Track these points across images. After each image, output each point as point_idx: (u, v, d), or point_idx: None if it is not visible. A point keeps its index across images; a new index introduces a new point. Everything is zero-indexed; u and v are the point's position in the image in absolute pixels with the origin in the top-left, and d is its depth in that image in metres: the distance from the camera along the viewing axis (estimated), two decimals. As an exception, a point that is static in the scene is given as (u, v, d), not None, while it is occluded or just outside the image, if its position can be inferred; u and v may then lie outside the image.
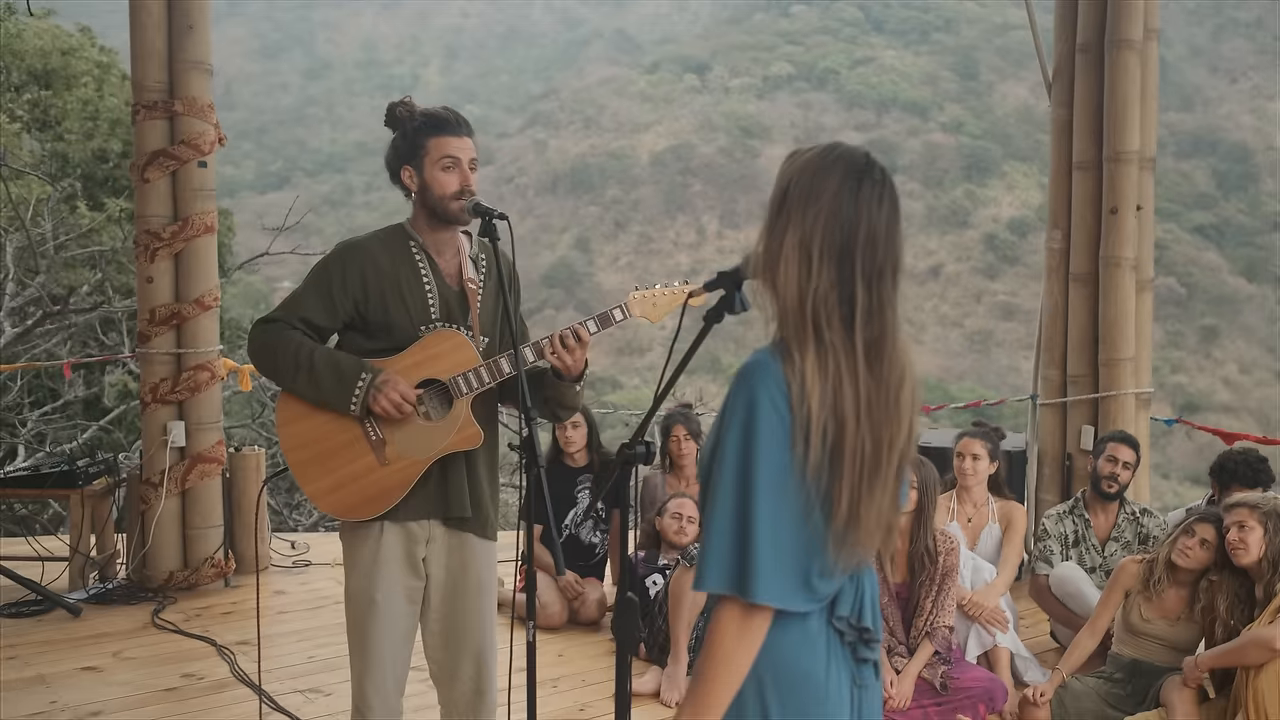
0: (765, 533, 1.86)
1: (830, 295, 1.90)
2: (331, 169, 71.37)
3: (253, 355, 3.10)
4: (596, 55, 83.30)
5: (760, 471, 1.87)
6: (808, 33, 76.59)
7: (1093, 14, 6.17)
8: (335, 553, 6.90)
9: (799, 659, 1.96)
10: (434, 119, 3.13)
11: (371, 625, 3.13)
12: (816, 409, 1.86)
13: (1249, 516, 4.14)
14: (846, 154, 1.99)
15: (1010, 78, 70.94)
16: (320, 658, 5.11)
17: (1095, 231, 6.16)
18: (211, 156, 5.91)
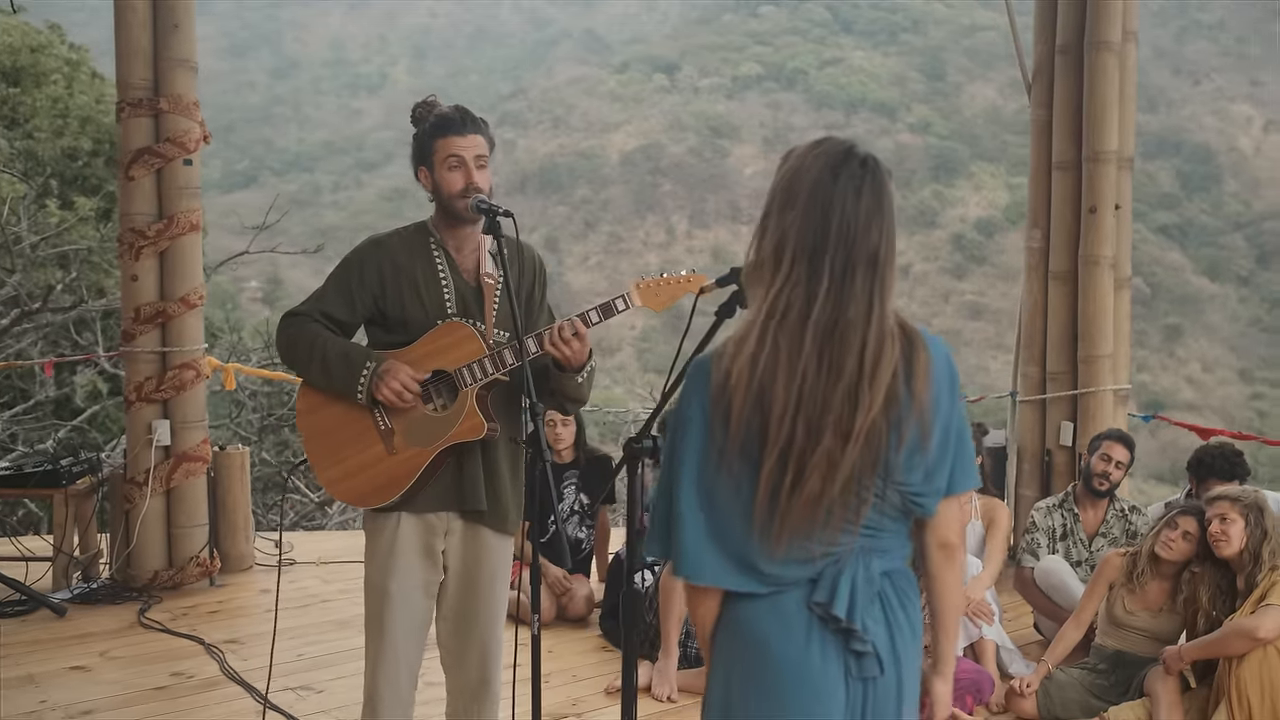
0: (686, 512, 2.01)
1: (794, 292, 1.95)
2: (299, 168, 71.06)
3: (278, 347, 3.21)
4: (565, 55, 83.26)
5: (683, 460, 2.03)
6: (776, 33, 76.84)
7: (1072, 16, 6.26)
8: (318, 551, 6.92)
9: (770, 635, 2.03)
10: (442, 120, 3.18)
11: (385, 616, 3.17)
12: (739, 400, 1.94)
13: (1230, 509, 4.21)
14: (828, 149, 2.03)
15: (978, 79, 71.51)
16: (309, 655, 5.12)
17: (1074, 230, 6.25)
18: (197, 154, 5.90)
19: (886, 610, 2.06)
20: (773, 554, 1.98)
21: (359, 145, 76.47)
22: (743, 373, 1.93)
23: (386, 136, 76.70)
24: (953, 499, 2.12)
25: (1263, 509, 4.23)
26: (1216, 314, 57.13)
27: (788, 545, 1.97)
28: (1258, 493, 4.35)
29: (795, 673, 2.01)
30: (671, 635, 4.81)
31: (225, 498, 6.28)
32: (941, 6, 76.92)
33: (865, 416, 1.93)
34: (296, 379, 3.31)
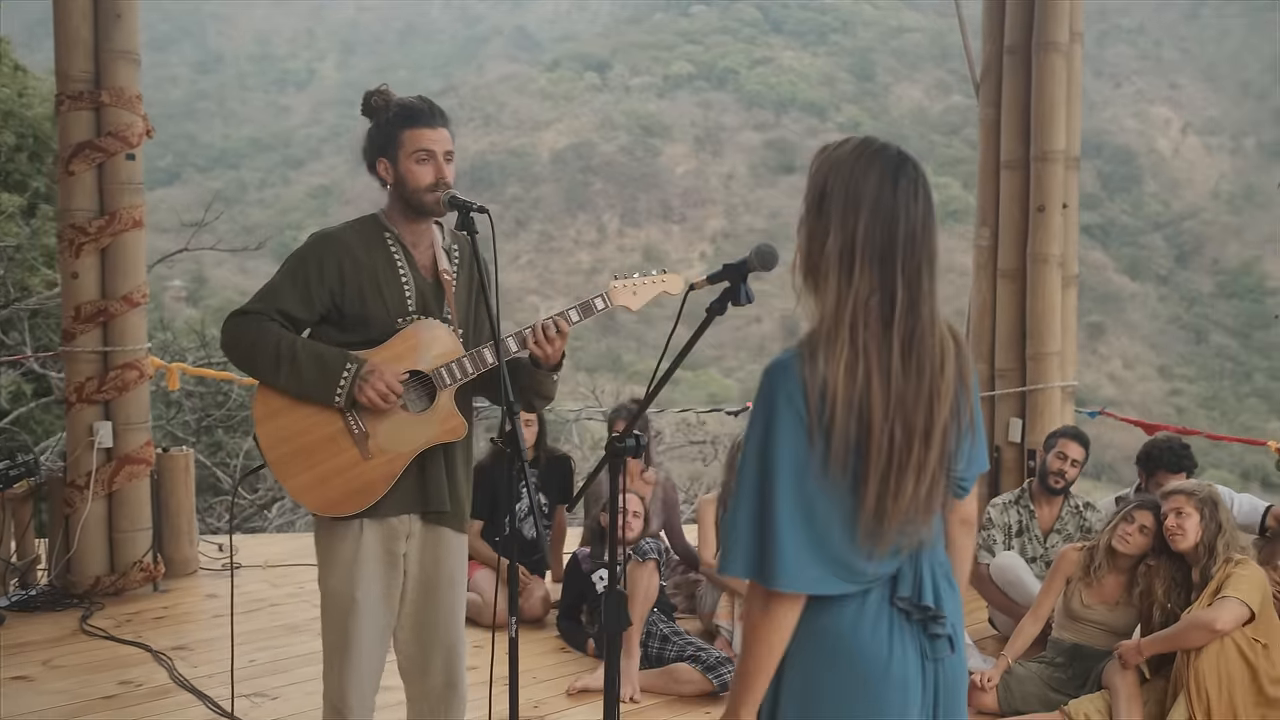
0: (784, 524, 1.95)
1: (871, 299, 1.98)
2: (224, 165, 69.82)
3: (227, 348, 3.03)
4: (496, 52, 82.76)
5: (779, 466, 1.96)
6: (707, 32, 77.05)
7: (1020, 16, 6.32)
8: (264, 554, 6.78)
9: (858, 636, 2.04)
10: (408, 110, 3.10)
11: (352, 624, 3.09)
12: (841, 411, 1.94)
13: (1186, 503, 4.28)
14: (881, 152, 2.06)
15: (905, 80, 72.31)
16: (261, 661, 5.01)
17: (1023, 229, 6.31)
18: (140, 149, 5.75)
19: (948, 590, 2.13)
20: (873, 557, 2.00)
21: (286, 142, 75.42)
22: (841, 383, 1.93)
23: (314, 133, 75.81)
24: None
25: (1217, 503, 4.30)
26: (1137, 312, 58.33)
27: (887, 547, 2.00)
28: (1212, 487, 4.42)
29: (883, 670, 2.04)
30: (634, 635, 4.78)
31: (169, 500, 6.13)
32: (870, 8, 77.63)
33: (942, 413, 2.00)
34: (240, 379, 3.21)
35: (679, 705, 4.61)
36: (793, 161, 66.84)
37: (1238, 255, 60.72)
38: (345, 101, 78.83)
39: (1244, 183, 65.87)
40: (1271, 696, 4.03)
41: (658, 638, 4.89)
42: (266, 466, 3.04)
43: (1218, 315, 57.82)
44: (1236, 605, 4.01)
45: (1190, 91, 73.07)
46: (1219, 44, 75.96)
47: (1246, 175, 65.98)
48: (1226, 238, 62.25)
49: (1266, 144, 67.61)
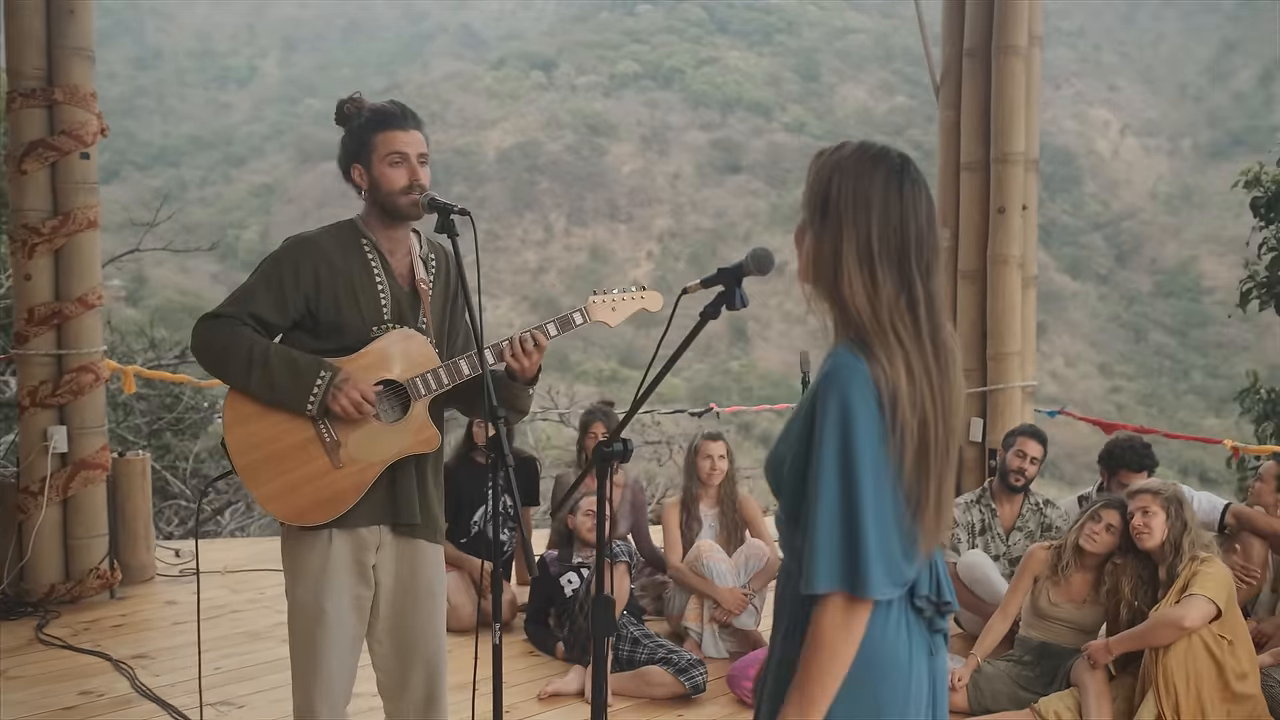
0: (873, 529, 1.92)
1: (898, 301, 1.98)
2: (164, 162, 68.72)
3: (198, 351, 2.97)
4: (441, 50, 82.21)
5: (863, 470, 1.92)
6: (653, 32, 77.08)
7: (979, 20, 6.37)
8: (222, 560, 6.68)
9: (884, 644, 2.03)
10: (380, 114, 3.07)
11: (320, 636, 3.03)
12: (908, 411, 1.93)
13: (1152, 502, 4.34)
14: (883, 155, 2.06)
15: (850, 80, 72.82)
16: (225, 669, 4.93)
17: (982, 230, 6.37)
18: (94, 148, 5.64)
19: None
20: (918, 559, 2.01)
21: (227, 140, 74.43)
22: (904, 385, 1.93)
23: (256, 130, 74.88)
24: None
25: (1182, 501, 4.36)
26: (1078, 311, 59.16)
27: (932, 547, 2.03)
28: (1177, 486, 4.48)
29: (904, 673, 2.04)
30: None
31: (125, 506, 6.02)
32: (815, 9, 78.06)
33: (963, 409, 2.07)
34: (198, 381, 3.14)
35: (651, 708, 4.60)
36: (739, 161, 67.15)
37: (1175, 255, 61.81)
38: (287, 99, 78.00)
39: (1181, 184, 67.08)
40: (1237, 692, 4.10)
41: (628, 640, 4.88)
42: (235, 473, 2.98)
43: (1156, 314, 58.82)
44: (1204, 603, 4.06)
45: (1128, 94, 74.25)
46: (1156, 47, 77.30)
47: (1183, 176, 67.21)
48: (1164, 238, 63.35)
49: (1202, 145, 68.88)
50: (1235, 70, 72.11)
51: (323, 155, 74.13)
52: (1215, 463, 25.78)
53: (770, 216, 63.64)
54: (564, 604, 5.19)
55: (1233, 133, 67.33)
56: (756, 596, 5.24)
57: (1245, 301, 8.69)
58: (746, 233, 63.56)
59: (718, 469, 5.42)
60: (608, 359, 49.65)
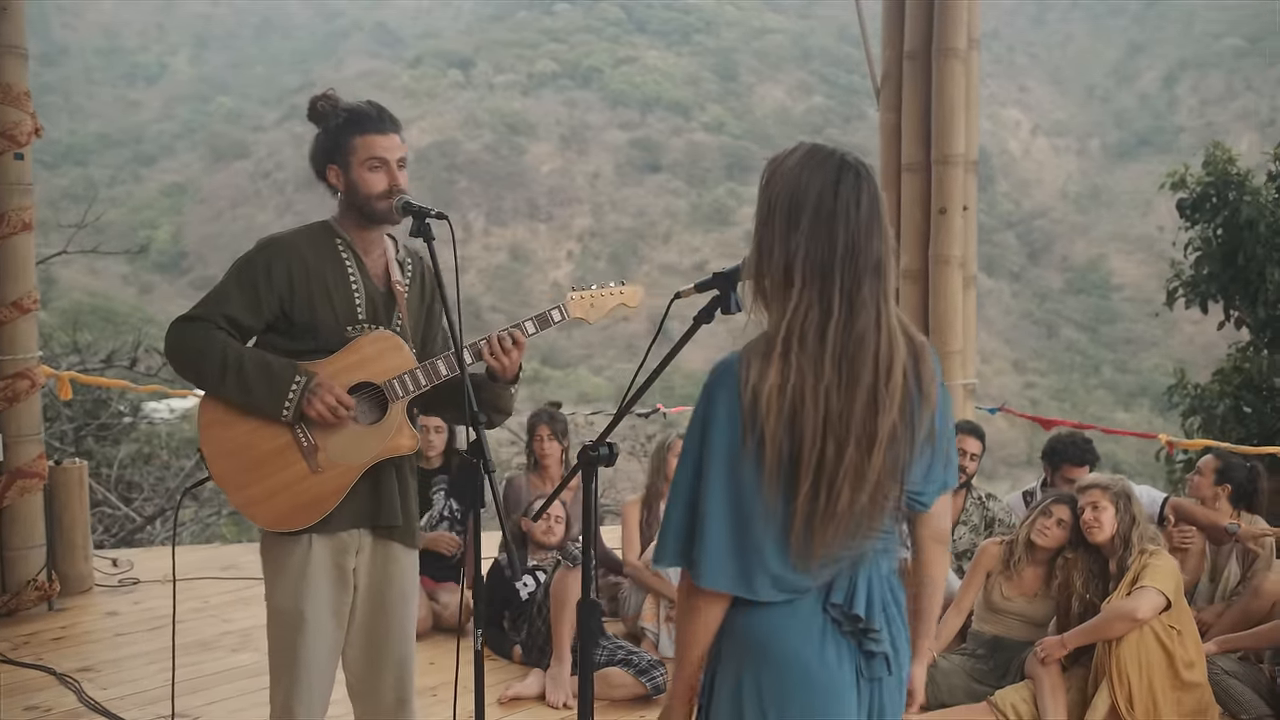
0: (713, 519, 1.98)
1: (810, 313, 1.98)
2: (71, 161, 67.07)
3: (171, 355, 2.93)
4: (356, 48, 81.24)
5: (712, 465, 1.99)
6: (571, 31, 76.97)
7: (919, 23, 6.47)
8: (162, 569, 6.54)
9: (785, 640, 2.03)
10: (358, 116, 3.03)
11: (300, 642, 3.00)
12: (773, 424, 1.94)
13: (1102, 497, 4.44)
14: (825, 161, 2.05)
15: (768, 80, 73.37)
16: (177, 679, 4.79)
17: (924, 230, 6.46)
18: (29, 148, 5.49)
19: (890, 610, 2.11)
20: (807, 568, 1.99)
21: (137, 138, 72.85)
22: (773, 401, 1.94)
23: (167, 129, 73.37)
24: (945, 495, 2.24)
25: (1130, 496, 4.47)
26: (993, 308, 60.24)
27: (821, 558, 1.99)
28: (1125, 481, 4.59)
29: (811, 676, 2.03)
30: (565, 641, 4.76)
31: (63, 515, 5.87)
32: (732, 9, 78.51)
33: (886, 420, 1.98)
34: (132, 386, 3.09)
35: (612, 710, 4.60)
36: (658, 160, 67.31)
37: (1084, 253, 63.25)
38: (199, 97, 76.53)
39: (1089, 183, 68.68)
40: (1186, 680, 4.20)
41: (587, 642, 4.87)
42: (211, 479, 2.94)
43: (1067, 311, 60.12)
44: (1154, 594, 4.17)
45: (1039, 95, 75.81)
46: (1064, 49, 79.04)
47: (1091, 176, 68.83)
48: (1074, 236, 64.80)
49: (1109, 145, 70.61)
50: (1140, 72, 74.09)
51: (236, 154, 72.94)
52: (1127, 455, 26.44)
53: (690, 216, 63.94)
54: (519, 607, 5.17)
55: (1138, 133, 69.20)
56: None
57: (1171, 300, 8.94)
58: (667, 232, 63.81)
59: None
60: (529, 359, 49.55)
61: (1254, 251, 8.31)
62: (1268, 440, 8.04)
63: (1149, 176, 65.56)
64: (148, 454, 12.53)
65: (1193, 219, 8.77)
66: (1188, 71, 70.56)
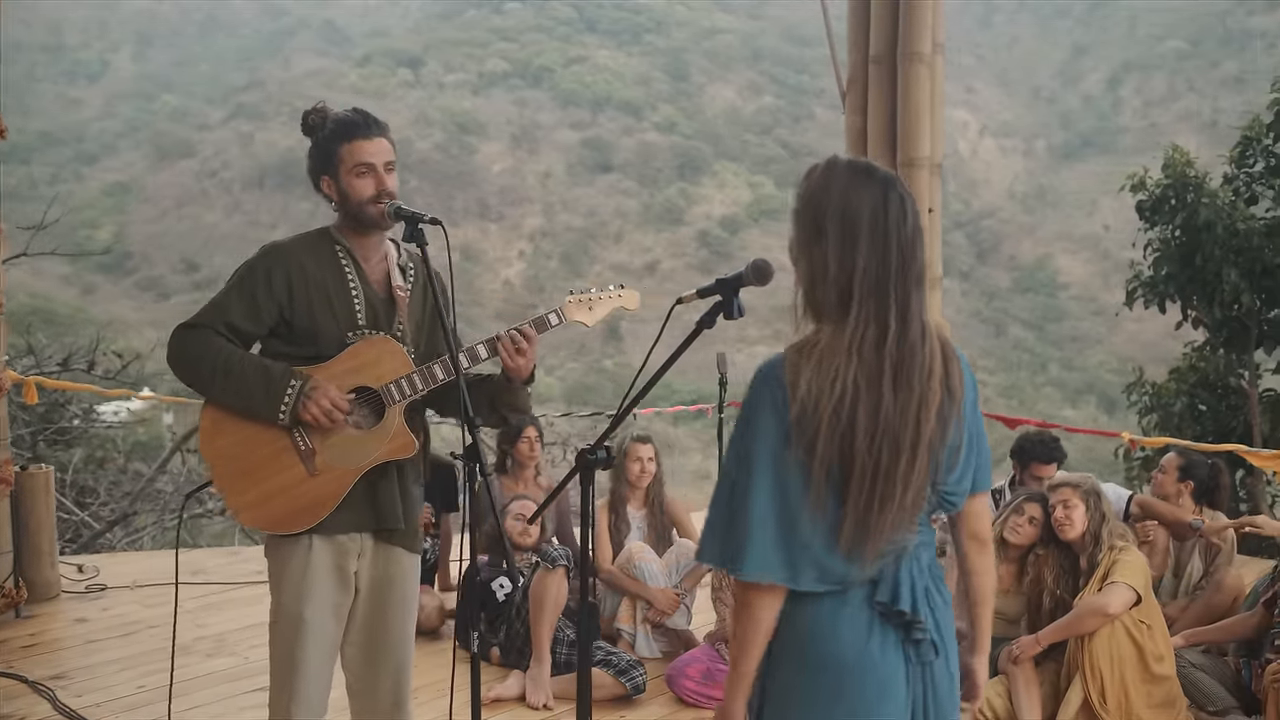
0: (756, 516, 2.04)
1: (868, 329, 2.06)
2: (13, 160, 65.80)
3: (173, 362, 2.96)
4: (303, 46, 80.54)
5: (756, 462, 2.05)
6: (522, 30, 76.79)
7: (884, 27, 6.53)
8: (128, 574, 6.48)
9: (836, 633, 2.11)
10: (344, 124, 3.07)
11: (301, 644, 3.03)
12: (825, 434, 2.02)
13: (1072, 495, 4.53)
14: (868, 178, 2.15)
15: (718, 80, 73.61)
16: (151, 686, 4.79)
17: (890, 232, 6.52)
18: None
19: (934, 597, 2.20)
20: (854, 557, 2.06)
21: (79, 136, 71.75)
22: (825, 413, 2.01)
23: (109, 127, 72.36)
24: (979, 496, 2.31)
25: (1100, 494, 4.57)
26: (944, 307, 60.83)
27: (872, 555, 2.07)
28: (1094, 479, 4.69)
29: (862, 667, 2.10)
30: (544, 642, 4.77)
31: (29, 521, 5.80)
32: (683, 9, 78.69)
33: (928, 423, 2.07)
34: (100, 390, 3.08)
35: (593, 710, 4.61)
36: (609, 160, 67.32)
37: (1031, 252, 64.04)
38: (142, 95, 75.51)
39: (1036, 183, 69.55)
40: (1156, 673, 4.30)
41: (564, 643, 4.89)
42: (212, 484, 2.95)
43: (1015, 309, 60.83)
44: (1125, 590, 4.26)
45: (985, 96, 76.64)
46: (1010, 50, 79.96)
47: (1038, 176, 69.71)
48: (1021, 236, 65.59)
49: (1055, 146, 71.55)
50: (1085, 73, 75.14)
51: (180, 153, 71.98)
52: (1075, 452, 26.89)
53: (642, 216, 64.03)
54: (495, 609, 5.18)
55: (1083, 134, 70.19)
56: (688, 596, 5.30)
57: (1131, 300, 9.11)
58: (618, 232, 63.85)
59: (646, 471, 5.46)
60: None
61: (1211, 253, 8.51)
62: (1222, 438, 8.23)
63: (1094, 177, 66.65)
64: (100, 458, 12.38)
65: (1152, 220, 8.95)
66: (1131, 73, 71.70)
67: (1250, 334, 8.92)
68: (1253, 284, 8.57)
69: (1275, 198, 9.11)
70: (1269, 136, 9.29)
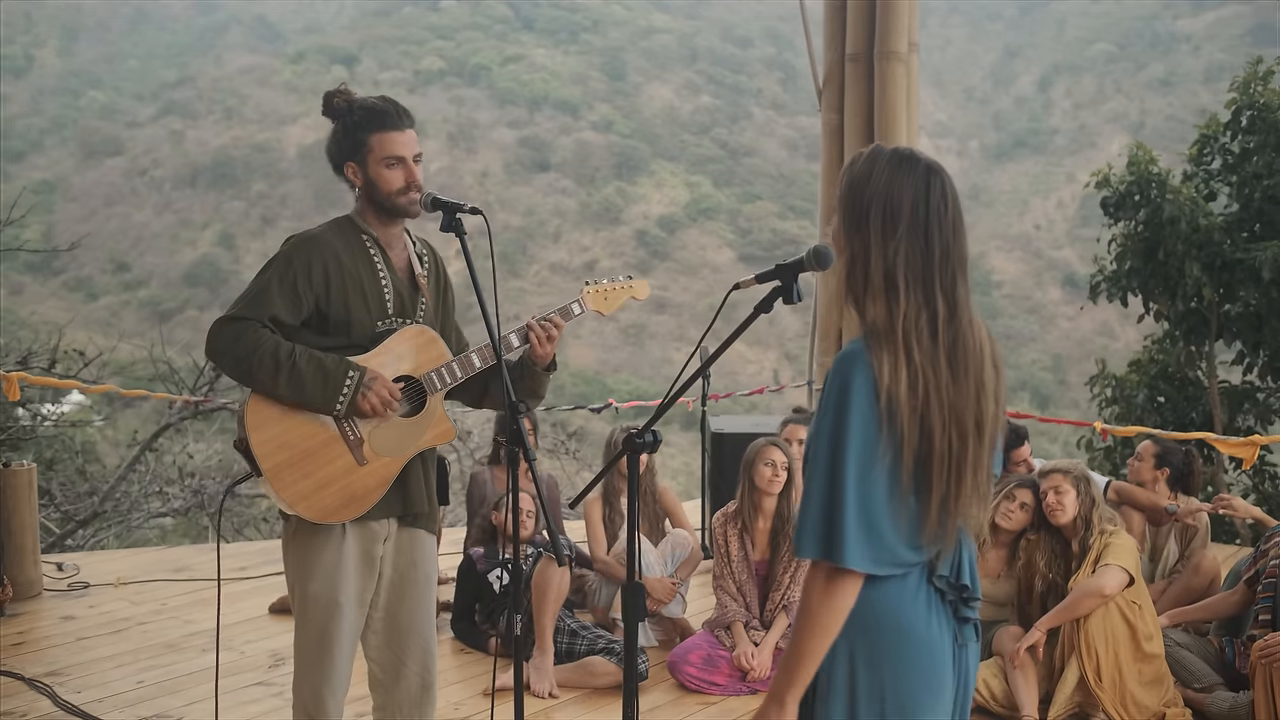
0: (853, 506, 2.06)
1: (920, 315, 2.11)
2: (-63, 157, 64.46)
3: (218, 355, 2.95)
4: (235, 42, 79.37)
5: (850, 451, 2.07)
6: (458, 28, 76.29)
7: (861, 26, 6.66)
8: (111, 571, 6.42)
9: (899, 613, 2.15)
10: (374, 113, 3.10)
11: (335, 630, 3.06)
12: (908, 420, 2.07)
13: (1063, 481, 4.67)
14: (911, 167, 2.18)
15: (656, 79, 73.68)
16: (151, 681, 4.78)
17: (867, 228, 6.65)
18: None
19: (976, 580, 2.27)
20: (927, 545, 2.12)
21: (3, 133, 70.06)
22: (904, 401, 2.05)
23: (34, 124, 70.75)
24: None
25: (1089, 479, 4.71)
26: (878, 306, 61.38)
27: (946, 535, 2.13)
28: (1083, 465, 4.84)
29: (924, 645, 2.15)
30: (547, 631, 4.82)
31: (11, 520, 5.74)
32: (620, 8, 78.68)
33: (988, 406, 2.15)
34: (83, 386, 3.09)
35: (596, 698, 4.69)
36: (547, 159, 67.14)
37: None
38: (69, 91, 73.95)
39: (969, 183, 70.41)
40: (1147, 652, 4.45)
41: (566, 633, 4.94)
42: (262, 475, 2.95)
43: (950, 307, 61.45)
44: (1118, 572, 4.40)
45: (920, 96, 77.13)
46: (943, 52, 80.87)
47: (971, 176, 70.57)
48: (956, 235, 66.31)
49: (988, 146, 72.55)
50: (1017, 75, 76.33)
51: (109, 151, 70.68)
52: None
53: (580, 215, 63.95)
54: (491, 600, 5.22)
55: (1015, 135, 71.30)
56: (683, 585, 5.37)
57: (1095, 295, 9.34)
58: (556, 231, 63.73)
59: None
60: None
61: (1174, 247, 8.74)
62: (1180, 428, 8.48)
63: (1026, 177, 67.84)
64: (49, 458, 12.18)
65: (1115, 217, 9.19)
66: (1061, 75, 72.92)
67: (1210, 327, 9.18)
68: (1213, 278, 8.83)
69: (1232, 194, 9.39)
70: (1226, 135, 9.58)
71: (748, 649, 4.74)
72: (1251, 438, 6.02)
